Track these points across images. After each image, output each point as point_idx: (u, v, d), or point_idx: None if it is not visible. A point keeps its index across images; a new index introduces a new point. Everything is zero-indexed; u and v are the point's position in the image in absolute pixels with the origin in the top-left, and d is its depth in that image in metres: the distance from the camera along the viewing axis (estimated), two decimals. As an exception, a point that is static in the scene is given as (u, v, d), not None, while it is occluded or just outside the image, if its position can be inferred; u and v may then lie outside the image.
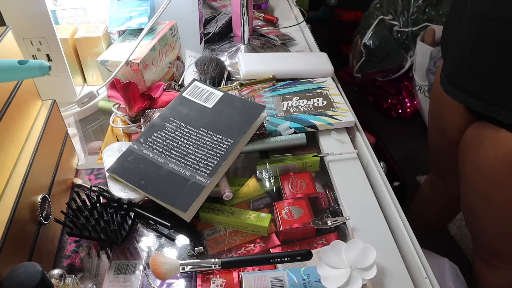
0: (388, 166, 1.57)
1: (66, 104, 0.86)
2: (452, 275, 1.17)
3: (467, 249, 1.59)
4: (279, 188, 0.69)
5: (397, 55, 2.11)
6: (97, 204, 0.62)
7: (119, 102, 0.80)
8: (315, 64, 0.95)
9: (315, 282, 0.54)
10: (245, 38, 1.03)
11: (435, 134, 1.11)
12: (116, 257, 0.60)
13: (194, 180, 0.62)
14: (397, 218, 0.63)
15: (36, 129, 0.61)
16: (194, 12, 0.96)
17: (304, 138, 0.76)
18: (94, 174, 0.74)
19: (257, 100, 0.83)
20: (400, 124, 2.23)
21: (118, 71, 0.79)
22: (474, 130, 0.86)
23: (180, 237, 0.63)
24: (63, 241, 0.63)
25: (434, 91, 1.06)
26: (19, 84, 0.59)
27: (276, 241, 0.62)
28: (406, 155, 1.97)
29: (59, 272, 0.49)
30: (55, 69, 0.82)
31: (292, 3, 1.37)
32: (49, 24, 0.77)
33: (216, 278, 0.57)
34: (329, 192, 0.70)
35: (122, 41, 0.85)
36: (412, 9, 2.05)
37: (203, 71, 0.90)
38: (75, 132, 0.83)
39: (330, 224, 0.63)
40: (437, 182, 1.25)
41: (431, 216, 1.38)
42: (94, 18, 0.93)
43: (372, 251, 0.54)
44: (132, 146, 0.68)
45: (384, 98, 2.27)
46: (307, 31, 1.20)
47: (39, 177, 0.59)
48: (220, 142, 0.66)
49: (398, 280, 0.56)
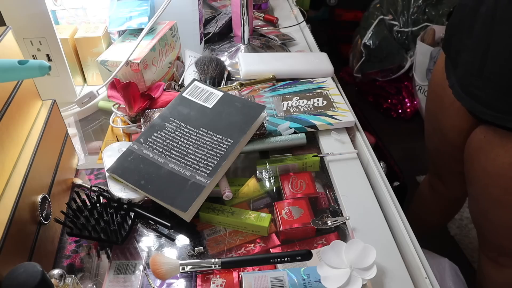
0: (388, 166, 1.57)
1: (66, 104, 0.86)
2: (452, 275, 1.18)
3: (467, 249, 1.59)
4: (279, 188, 0.69)
5: (397, 55, 2.11)
6: (97, 204, 0.62)
7: (119, 102, 0.80)
8: (315, 64, 0.95)
9: (315, 282, 0.55)
10: (245, 38, 1.03)
11: (433, 137, 1.10)
12: (116, 257, 0.60)
13: (194, 180, 0.62)
14: (397, 218, 0.63)
15: (36, 129, 0.61)
16: (194, 12, 0.96)
17: (304, 138, 0.76)
18: (94, 174, 0.74)
19: (257, 100, 0.83)
20: (400, 124, 2.23)
21: (118, 71, 0.79)
22: (481, 136, 0.86)
23: (180, 237, 0.63)
24: (63, 241, 0.63)
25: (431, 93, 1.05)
26: (19, 84, 0.59)
27: (276, 241, 0.62)
28: (406, 155, 1.97)
29: (59, 272, 0.49)
30: (55, 69, 0.82)
31: (292, 3, 1.37)
32: (49, 24, 0.77)
33: (216, 278, 0.57)
34: (329, 192, 0.70)
35: (122, 41, 0.85)
36: (412, 9, 2.05)
37: (203, 71, 0.90)
38: (75, 132, 0.83)
39: (330, 224, 0.63)
40: (435, 184, 1.25)
41: (430, 216, 1.38)
42: (94, 18, 0.93)
43: (372, 251, 0.54)
44: (132, 146, 0.68)
45: (384, 98, 2.27)
46: (307, 31, 1.20)
47: (39, 177, 0.59)
48: (220, 142, 0.66)
49: (398, 280, 0.56)
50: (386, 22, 2.12)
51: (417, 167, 1.92)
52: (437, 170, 1.21)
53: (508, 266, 1.00)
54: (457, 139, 0.97)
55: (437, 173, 1.22)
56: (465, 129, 0.93)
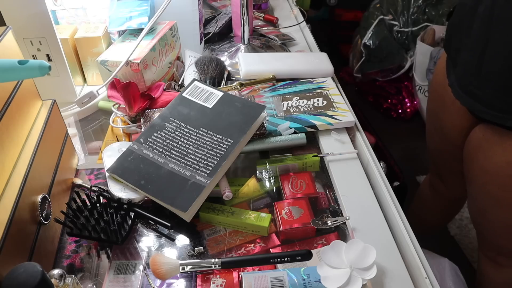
0: (388, 166, 1.57)
1: (66, 104, 0.86)
2: (452, 275, 1.18)
3: (467, 249, 1.59)
4: (279, 188, 0.69)
5: (397, 55, 2.11)
6: (97, 204, 0.62)
7: (119, 102, 0.80)
8: (315, 64, 0.95)
9: (315, 282, 0.54)
10: (245, 38, 1.03)
11: (434, 136, 1.11)
12: (116, 257, 0.60)
13: (194, 180, 0.62)
14: (397, 218, 0.63)
15: (36, 129, 0.61)
16: (194, 12, 0.96)
17: (304, 138, 0.76)
18: (94, 174, 0.74)
19: (257, 100, 0.83)
20: (400, 124, 2.22)
21: (118, 71, 0.79)
22: (480, 134, 0.86)
23: (180, 237, 0.63)
24: (63, 241, 0.63)
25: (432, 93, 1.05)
26: (19, 84, 0.59)
27: (276, 241, 0.62)
28: (406, 155, 1.97)
29: (59, 272, 0.49)
30: (55, 69, 0.82)
31: (292, 3, 1.37)
32: (49, 24, 0.77)
33: (216, 278, 0.57)
34: (329, 192, 0.70)
35: (122, 41, 0.85)
36: (412, 9, 2.05)
37: (203, 71, 0.90)
38: (75, 132, 0.83)
39: (330, 224, 0.63)
40: (436, 183, 1.25)
41: (430, 217, 1.38)
42: (94, 18, 0.93)
43: (372, 251, 0.54)
44: (132, 146, 0.68)
45: (384, 98, 2.27)
46: (307, 31, 1.20)
47: (39, 177, 0.59)
48: (220, 142, 0.66)
49: (398, 280, 0.56)
50: (386, 22, 2.12)
51: (417, 167, 1.92)
52: (438, 170, 1.21)
53: (507, 265, 1.00)
54: (457, 138, 0.97)
55: (438, 173, 1.22)
56: (465, 128, 0.93)
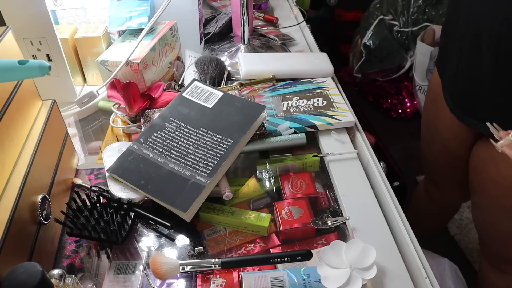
0: (388, 166, 1.57)
1: (66, 104, 0.86)
2: (452, 275, 1.17)
3: (467, 249, 1.59)
4: (279, 188, 0.69)
5: (397, 55, 2.11)
6: (97, 204, 0.62)
7: (119, 102, 0.80)
8: (315, 64, 0.95)
9: (315, 282, 0.54)
10: (245, 38, 1.03)
11: (432, 147, 1.08)
12: (116, 257, 0.60)
13: (194, 180, 0.62)
14: (397, 218, 0.63)
15: (36, 129, 0.61)
16: (194, 12, 0.96)
17: (304, 138, 0.76)
18: (94, 174, 0.74)
19: (257, 100, 0.83)
20: (400, 124, 2.22)
21: (118, 71, 0.79)
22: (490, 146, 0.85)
23: (180, 237, 0.63)
24: (63, 241, 0.63)
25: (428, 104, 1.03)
26: (19, 84, 0.59)
27: (276, 241, 0.62)
28: (406, 155, 1.97)
29: (59, 272, 0.49)
30: (55, 69, 0.82)
31: (292, 3, 1.37)
32: (49, 24, 0.77)
33: (216, 278, 0.57)
34: (329, 192, 0.70)
35: (122, 41, 0.85)
36: (412, 9, 2.05)
37: (203, 71, 0.90)
38: (75, 132, 0.83)
39: (330, 224, 0.63)
40: (431, 190, 1.23)
41: (426, 219, 1.37)
42: (94, 18, 0.93)
43: (372, 251, 0.54)
44: (132, 146, 0.68)
45: (384, 98, 2.27)
46: (307, 31, 1.20)
47: (39, 177, 0.59)
48: (220, 142, 0.66)
49: (398, 280, 0.56)
50: (386, 22, 2.11)
51: (417, 167, 1.91)
52: (432, 177, 1.20)
53: (510, 273, 0.98)
54: (459, 150, 0.95)
55: (434, 181, 1.20)
56: (468, 141, 0.91)
